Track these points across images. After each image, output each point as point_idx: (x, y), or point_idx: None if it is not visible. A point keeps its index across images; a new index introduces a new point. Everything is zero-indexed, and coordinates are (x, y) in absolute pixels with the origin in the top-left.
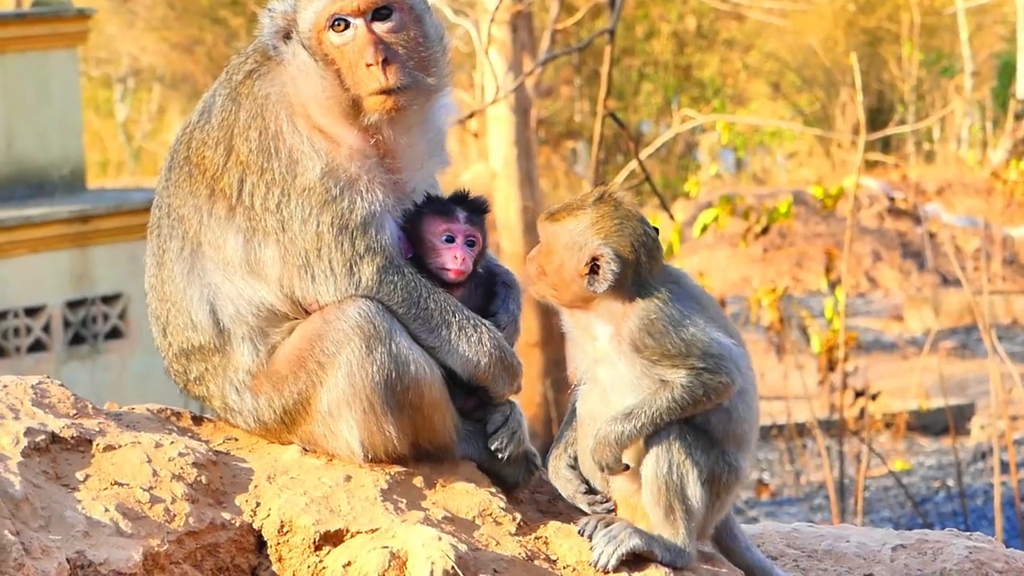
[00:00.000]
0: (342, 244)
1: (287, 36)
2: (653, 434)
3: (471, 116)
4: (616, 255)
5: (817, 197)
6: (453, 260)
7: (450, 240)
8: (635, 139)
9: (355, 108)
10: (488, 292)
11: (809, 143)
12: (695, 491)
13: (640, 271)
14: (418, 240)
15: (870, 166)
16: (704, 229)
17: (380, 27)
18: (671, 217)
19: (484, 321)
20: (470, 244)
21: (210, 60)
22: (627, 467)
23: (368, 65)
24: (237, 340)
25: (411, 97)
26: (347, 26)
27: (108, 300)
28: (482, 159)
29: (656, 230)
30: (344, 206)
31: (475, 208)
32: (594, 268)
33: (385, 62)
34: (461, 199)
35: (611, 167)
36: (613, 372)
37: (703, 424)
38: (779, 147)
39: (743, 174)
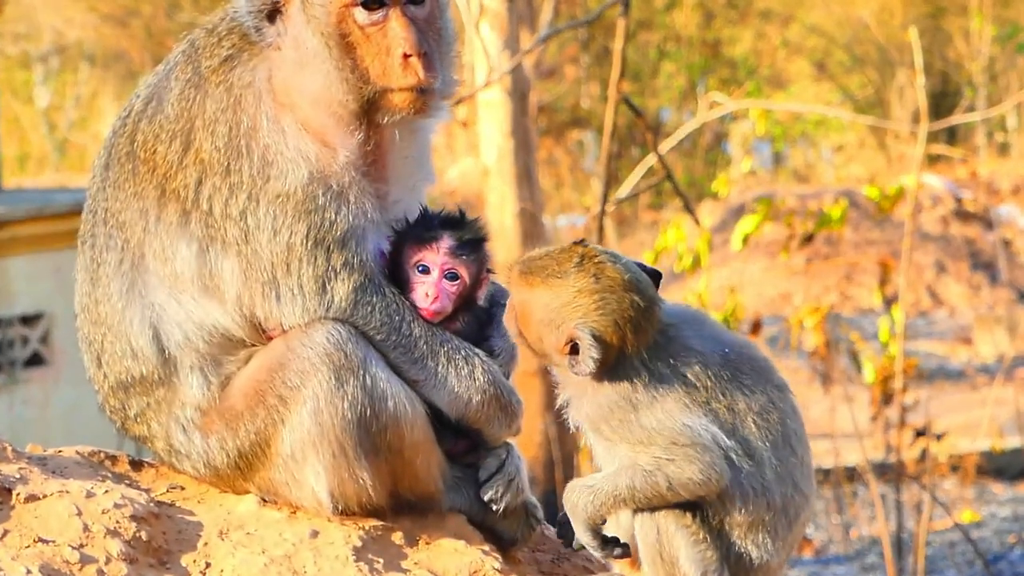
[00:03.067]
0: (315, 258)
1: (272, 15)
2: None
3: (459, 102)
4: (597, 339)
5: (871, 198)
6: (424, 297)
7: (424, 272)
8: (654, 129)
9: (368, 105)
10: (483, 315)
11: (860, 134)
12: (692, 568)
13: (626, 350)
14: (395, 268)
15: (933, 161)
16: (746, 240)
17: (414, 12)
18: (696, 222)
19: (478, 352)
20: (451, 278)
21: (148, 35)
22: (622, 551)
23: (406, 56)
24: (185, 370)
25: (436, 100)
26: (380, 5)
27: (27, 321)
28: (472, 153)
29: (656, 275)
30: (327, 217)
31: (466, 236)
32: (574, 349)
33: (424, 56)
34: (452, 223)
35: (625, 162)
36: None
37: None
38: (825, 138)
39: (782, 170)
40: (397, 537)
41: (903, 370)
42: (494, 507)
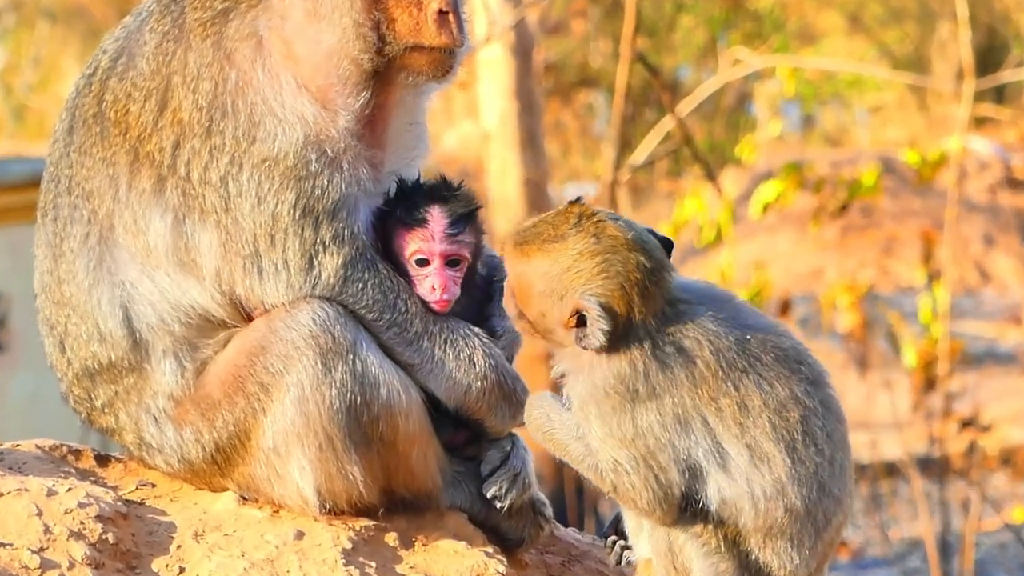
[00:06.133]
0: (302, 230)
1: None
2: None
3: None
4: (604, 308)
5: (911, 164)
6: (431, 291)
7: (423, 263)
8: (671, 89)
9: (383, 64)
10: (483, 292)
11: (899, 93)
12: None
13: (633, 318)
14: (388, 255)
15: (979, 123)
16: (765, 208)
17: None
18: (719, 191)
19: (478, 332)
20: (452, 264)
21: None
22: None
23: (442, 12)
24: (157, 355)
25: (457, 63)
26: None
27: None
28: (471, 116)
29: (668, 242)
30: (318, 184)
31: (458, 211)
32: (581, 321)
33: (456, 15)
34: (437, 196)
35: (639, 126)
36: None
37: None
38: (859, 99)
39: (812, 134)
40: (391, 538)
41: (948, 354)
42: (498, 504)
